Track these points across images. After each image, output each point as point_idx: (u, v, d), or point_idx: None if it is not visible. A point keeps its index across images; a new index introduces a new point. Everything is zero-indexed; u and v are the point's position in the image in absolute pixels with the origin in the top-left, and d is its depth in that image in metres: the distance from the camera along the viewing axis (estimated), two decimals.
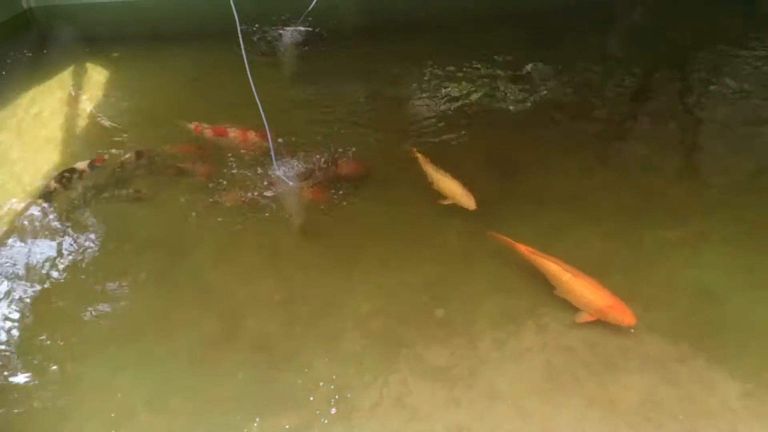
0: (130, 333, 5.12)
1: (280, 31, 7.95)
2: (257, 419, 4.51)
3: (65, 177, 6.29)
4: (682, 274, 5.19)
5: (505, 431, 4.36)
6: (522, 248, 5.16)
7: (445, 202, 5.60)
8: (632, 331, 4.78)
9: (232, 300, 5.36)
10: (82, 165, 6.37)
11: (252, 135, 6.48)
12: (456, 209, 5.76)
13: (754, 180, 5.93)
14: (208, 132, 6.62)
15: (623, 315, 4.72)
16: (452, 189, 5.65)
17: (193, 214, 6.06)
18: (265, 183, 6.11)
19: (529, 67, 7.45)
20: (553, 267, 5.01)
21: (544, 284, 5.15)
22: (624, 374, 4.59)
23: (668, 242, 5.47)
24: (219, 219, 5.99)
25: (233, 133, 6.55)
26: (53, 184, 6.23)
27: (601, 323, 4.85)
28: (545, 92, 7.20)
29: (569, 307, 5.01)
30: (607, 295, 4.78)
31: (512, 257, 5.31)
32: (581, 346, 4.79)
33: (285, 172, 6.10)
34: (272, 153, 5.92)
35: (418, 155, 6.02)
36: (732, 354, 4.61)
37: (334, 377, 4.72)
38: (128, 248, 5.80)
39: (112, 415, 4.57)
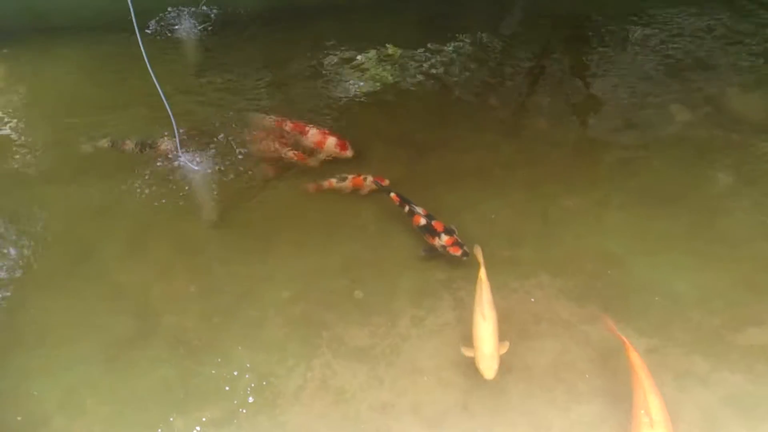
0: (37, 337, 4.91)
1: (180, 19, 7.70)
2: (177, 415, 4.44)
3: (145, 145, 6.17)
4: (587, 240, 5.43)
5: (428, 404, 4.48)
6: (630, 350, 4.33)
7: (467, 353, 4.50)
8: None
9: (144, 296, 5.21)
10: (164, 145, 6.13)
11: (331, 141, 6.09)
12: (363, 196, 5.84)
13: (642, 150, 6.23)
14: (288, 126, 6.29)
15: None
16: (480, 342, 4.44)
17: (99, 207, 5.86)
18: (173, 173, 5.97)
19: (432, 46, 7.53)
20: (639, 397, 4.05)
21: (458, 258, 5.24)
22: (537, 340, 4.79)
23: (571, 212, 5.68)
24: (126, 211, 5.81)
25: (312, 132, 6.19)
26: (131, 144, 6.19)
27: (513, 291, 5.03)
28: (449, 72, 7.30)
29: None
30: None
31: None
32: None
33: (192, 161, 5.95)
34: (177, 141, 5.76)
35: (482, 276, 4.77)
36: (637, 313, 4.88)
37: (256, 366, 4.70)
38: (31, 244, 5.54)
39: (23, 422, 4.40)
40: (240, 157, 6.11)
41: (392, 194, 5.58)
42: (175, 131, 5.68)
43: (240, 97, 6.89)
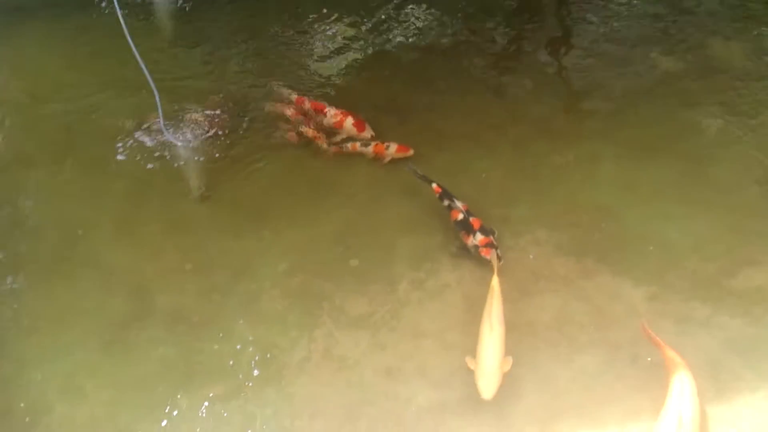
0: (32, 324, 4.83)
1: None
2: (182, 393, 4.41)
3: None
4: (580, 195, 5.42)
5: (432, 367, 4.49)
6: (665, 350, 4.20)
7: (470, 365, 4.25)
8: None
9: (138, 277, 5.13)
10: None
11: (349, 121, 5.91)
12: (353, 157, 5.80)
13: (628, 102, 6.20)
14: (307, 105, 6.12)
15: None
16: (483, 357, 4.20)
17: (83, 189, 5.75)
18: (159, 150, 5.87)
19: (410, 9, 7.41)
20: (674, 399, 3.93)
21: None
22: (537, 296, 4.80)
23: (562, 167, 5.67)
24: (112, 191, 5.70)
25: (331, 113, 6.00)
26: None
27: (510, 249, 5.02)
28: (429, 34, 7.20)
29: None
30: None
31: (421, 197, 5.40)
32: None
33: (178, 137, 5.84)
34: (161, 118, 5.61)
35: (494, 285, 4.52)
36: (633, 264, 4.91)
37: (258, 339, 4.67)
38: (16, 230, 5.44)
39: (26, 411, 4.34)
40: (227, 132, 6.01)
41: (434, 185, 5.28)
42: (159, 107, 5.53)
43: (220, 70, 6.72)
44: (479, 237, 4.92)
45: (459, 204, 5.13)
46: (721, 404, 4.11)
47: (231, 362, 4.55)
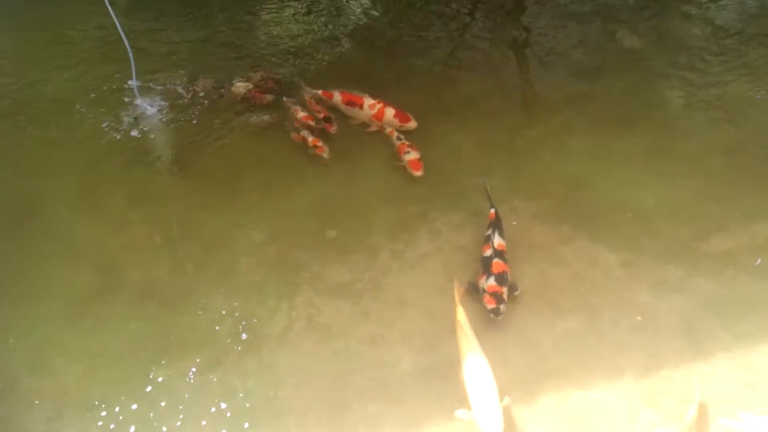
0: None
1: None
2: (159, 366, 4.24)
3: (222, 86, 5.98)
4: (554, 166, 5.48)
5: (416, 333, 4.44)
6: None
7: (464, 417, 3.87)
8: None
9: (104, 250, 4.92)
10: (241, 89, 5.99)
11: (390, 111, 5.67)
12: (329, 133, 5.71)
13: (595, 77, 6.32)
14: (337, 98, 5.84)
15: None
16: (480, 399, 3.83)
17: (40, 159, 5.50)
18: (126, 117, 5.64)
19: None
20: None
21: (430, 190, 5.24)
22: (516, 263, 4.78)
23: (534, 140, 5.72)
24: (72, 162, 5.47)
25: (368, 104, 5.72)
26: (207, 85, 5.96)
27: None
28: (392, 10, 7.27)
29: (455, 208, 5.16)
30: None
31: (396, 171, 5.39)
32: (473, 245, 4.91)
33: (151, 105, 5.62)
34: (134, 83, 5.37)
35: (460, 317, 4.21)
36: (607, 231, 4.98)
37: (236, 310, 4.53)
38: None
39: None
40: (199, 104, 5.87)
41: (492, 210, 4.93)
42: (133, 73, 5.31)
43: (187, 45, 6.57)
44: (491, 282, 4.52)
45: (497, 241, 4.73)
46: (698, 362, 4.20)
47: (208, 334, 4.40)
